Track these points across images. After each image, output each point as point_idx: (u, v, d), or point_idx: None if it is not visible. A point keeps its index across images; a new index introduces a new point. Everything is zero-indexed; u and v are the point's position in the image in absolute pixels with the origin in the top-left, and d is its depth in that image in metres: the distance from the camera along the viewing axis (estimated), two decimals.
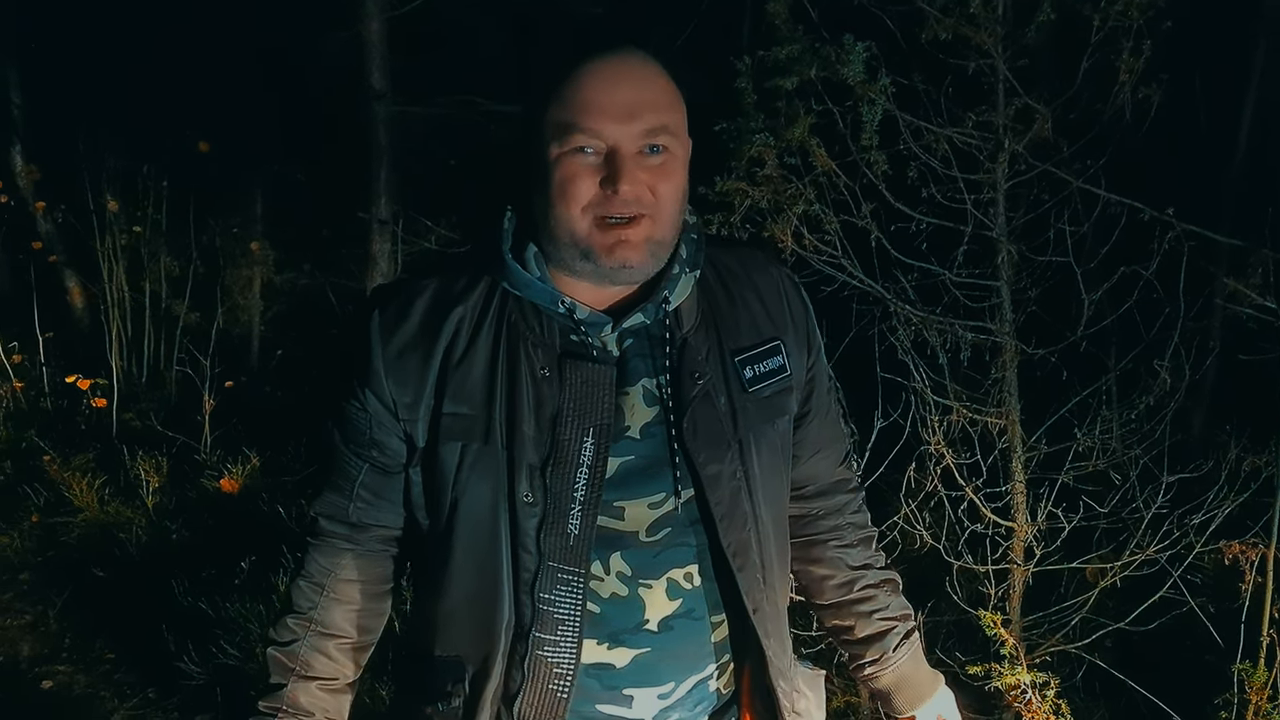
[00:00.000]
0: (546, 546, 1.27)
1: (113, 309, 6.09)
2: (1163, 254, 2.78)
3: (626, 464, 1.30)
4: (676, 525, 1.32)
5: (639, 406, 1.31)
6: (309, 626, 1.39)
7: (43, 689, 3.66)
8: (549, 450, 1.27)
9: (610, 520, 1.30)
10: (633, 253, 1.24)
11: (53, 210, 6.75)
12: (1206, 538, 2.81)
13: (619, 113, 1.22)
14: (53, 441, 5.20)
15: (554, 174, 1.23)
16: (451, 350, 1.29)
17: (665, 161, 1.25)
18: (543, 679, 1.29)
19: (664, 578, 1.32)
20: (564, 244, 1.25)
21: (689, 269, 1.33)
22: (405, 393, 1.30)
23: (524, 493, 1.27)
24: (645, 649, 1.33)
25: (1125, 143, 2.80)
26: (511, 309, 1.30)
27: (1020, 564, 2.91)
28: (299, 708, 1.37)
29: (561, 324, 1.30)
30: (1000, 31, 2.57)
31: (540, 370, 1.28)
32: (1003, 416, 2.91)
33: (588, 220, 1.23)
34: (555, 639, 1.29)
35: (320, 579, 1.40)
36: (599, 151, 1.22)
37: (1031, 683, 2.39)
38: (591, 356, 1.29)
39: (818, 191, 2.77)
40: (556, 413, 1.27)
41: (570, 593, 1.28)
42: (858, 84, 2.60)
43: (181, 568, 4.09)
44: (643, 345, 1.32)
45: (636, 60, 1.25)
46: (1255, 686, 2.50)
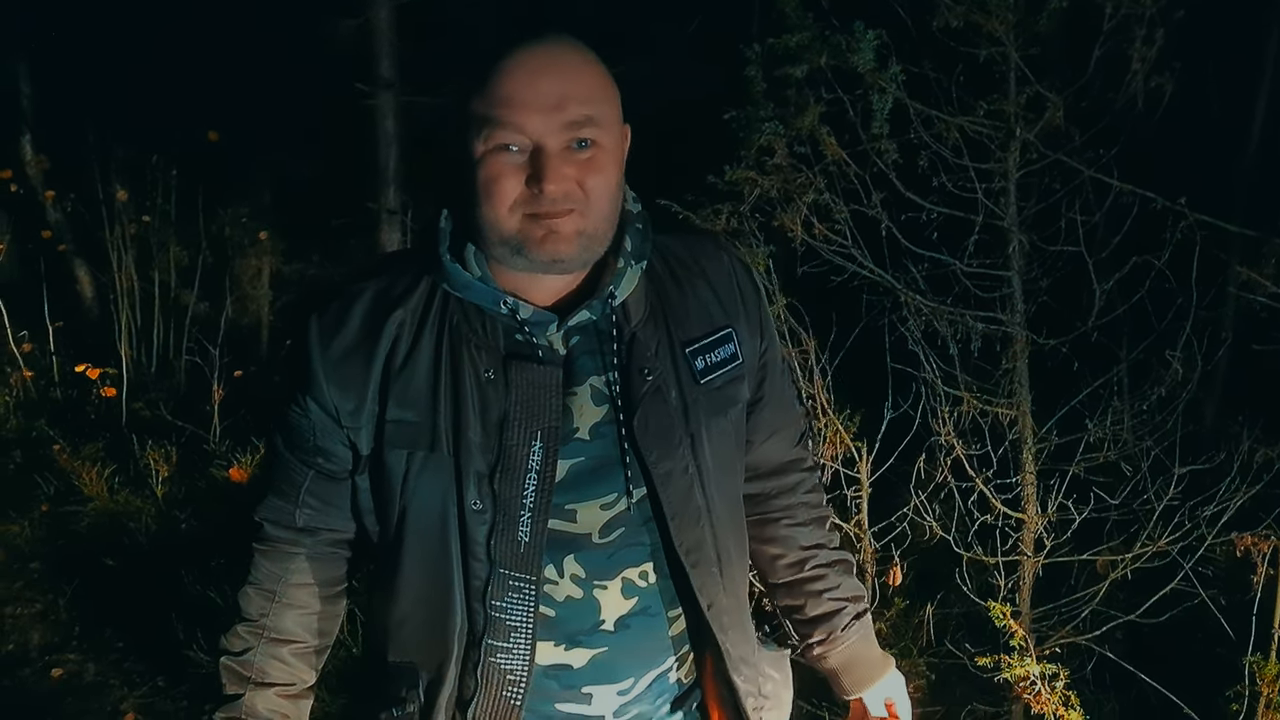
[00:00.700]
0: (497, 554, 1.25)
1: (122, 298, 6.10)
2: (1175, 244, 2.76)
3: (576, 466, 1.27)
4: (629, 525, 1.30)
5: (588, 406, 1.28)
6: (262, 634, 1.36)
7: (53, 677, 3.68)
8: (496, 456, 1.23)
9: (562, 523, 1.28)
10: (563, 245, 1.20)
11: (62, 200, 6.76)
12: (1218, 530, 2.80)
13: (542, 106, 1.17)
14: (62, 431, 5.21)
15: (479, 172, 1.19)
16: (393, 355, 1.25)
17: (594, 155, 1.20)
18: (496, 685, 1.28)
19: (619, 578, 1.31)
20: (494, 241, 1.22)
21: (634, 261, 1.29)
22: (348, 399, 1.26)
23: (473, 500, 1.24)
24: (603, 649, 1.32)
25: (1137, 132, 2.78)
26: (453, 311, 1.26)
27: (1030, 555, 2.90)
28: (257, 716, 1.35)
29: (505, 324, 1.26)
30: (1012, 19, 2.55)
31: (485, 373, 1.24)
32: (1013, 407, 2.89)
33: (516, 217, 1.20)
34: (508, 645, 1.27)
35: (270, 585, 1.37)
36: (523, 149, 1.18)
37: (1041, 674, 2.38)
38: (537, 357, 1.25)
39: (828, 180, 2.76)
40: (503, 417, 1.23)
41: (522, 599, 1.26)
42: (868, 72, 2.59)
43: (191, 557, 4.10)
44: (590, 342, 1.28)
45: (562, 49, 1.21)
46: (1266, 679, 2.49)
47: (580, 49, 1.23)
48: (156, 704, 3.52)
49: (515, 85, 1.17)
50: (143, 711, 3.48)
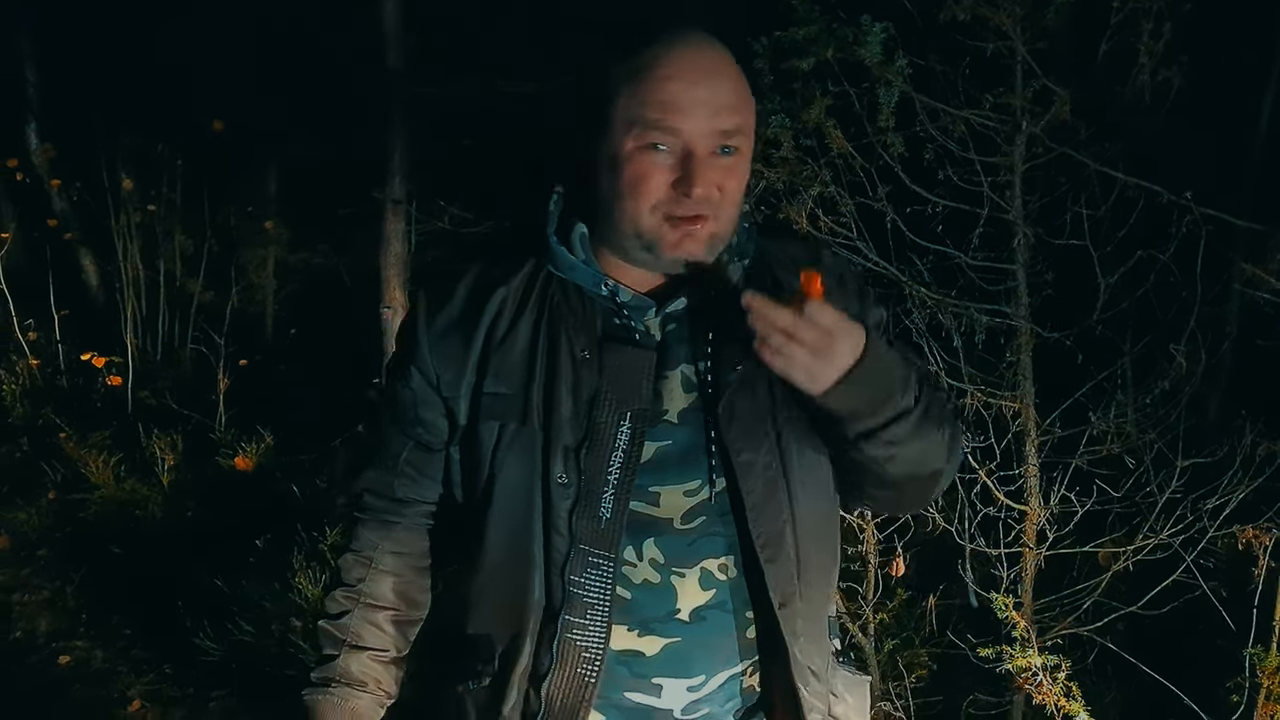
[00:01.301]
0: (578, 529, 1.27)
1: (127, 287, 6.12)
2: (1180, 238, 2.76)
3: (663, 449, 1.29)
4: (711, 514, 1.30)
5: (678, 392, 1.30)
6: (358, 599, 1.41)
7: (60, 664, 3.70)
8: (585, 432, 1.26)
9: (644, 506, 1.29)
10: (695, 247, 1.25)
11: (68, 188, 6.77)
12: (1220, 522, 2.81)
13: (699, 113, 1.20)
14: (69, 419, 5.23)
15: (624, 168, 1.22)
16: (494, 330, 1.30)
17: (735, 162, 1.24)
18: (571, 662, 1.28)
19: (697, 567, 1.30)
20: (626, 235, 1.26)
21: (738, 258, 1.32)
22: (448, 370, 1.32)
23: (558, 474, 1.26)
24: (676, 638, 1.31)
25: (1144, 126, 2.78)
26: (554, 291, 1.30)
27: (1033, 547, 2.91)
28: (351, 677, 1.39)
29: (604, 307, 1.30)
30: (1020, 12, 2.55)
31: (580, 352, 1.28)
32: (1017, 400, 2.90)
33: (656, 217, 1.23)
34: (584, 623, 1.28)
35: (368, 552, 1.42)
36: (673, 151, 1.21)
37: (1043, 665, 2.40)
38: (633, 340, 1.29)
39: (834, 173, 2.76)
40: (594, 395, 1.27)
41: (600, 577, 1.27)
42: (875, 65, 2.59)
43: (197, 545, 4.13)
44: (684, 331, 1.31)
45: (714, 56, 1.24)
46: (1267, 671, 2.50)
47: (728, 55, 1.26)
48: (164, 691, 3.54)
49: (675, 89, 1.20)
50: (150, 699, 3.50)
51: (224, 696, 3.46)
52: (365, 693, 1.39)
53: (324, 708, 1.38)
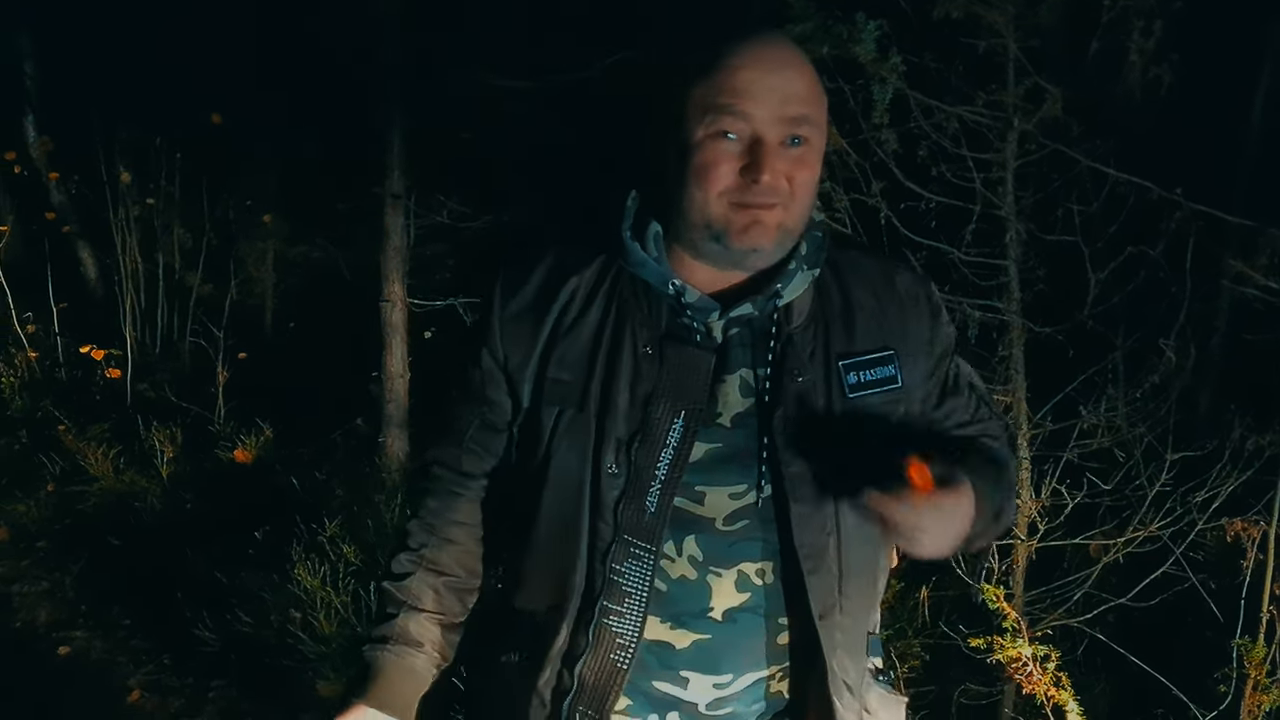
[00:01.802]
0: (624, 519, 1.29)
1: (126, 280, 6.12)
2: (1171, 234, 2.79)
3: (713, 450, 1.30)
4: (754, 519, 1.31)
5: (734, 396, 1.31)
6: (421, 563, 1.44)
7: (60, 654, 3.71)
8: (638, 426, 1.29)
9: (689, 503, 1.30)
10: (764, 237, 1.26)
11: (66, 181, 6.77)
12: (1209, 515, 2.84)
13: (769, 101, 1.22)
14: (68, 411, 5.23)
15: (694, 156, 1.24)
16: (563, 317, 1.33)
17: (804, 153, 1.25)
18: (605, 647, 1.31)
19: (735, 569, 1.32)
20: (695, 225, 1.27)
21: (806, 266, 1.32)
22: (516, 353, 1.35)
23: (609, 464, 1.29)
24: (706, 635, 1.33)
25: (1135, 123, 2.81)
26: (624, 285, 1.33)
27: (1024, 539, 2.94)
28: (409, 636, 1.42)
29: (669, 305, 1.31)
30: (1012, 10, 2.58)
31: (642, 348, 1.30)
32: (1009, 394, 2.93)
33: (724, 204, 1.25)
34: (621, 610, 1.31)
35: (432, 520, 1.45)
36: (742, 138, 1.23)
37: (1033, 655, 2.42)
38: (694, 340, 1.30)
39: (828, 169, 2.79)
40: (651, 391, 1.29)
41: (640, 567, 1.30)
42: (869, 62, 2.61)
43: (196, 537, 4.14)
44: (747, 336, 1.31)
45: (786, 48, 1.27)
46: (1254, 662, 2.53)
47: (798, 50, 1.29)
48: (163, 681, 3.55)
49: (746, 77, 1.22)
50: (149, 689, 3.51)
51: (223, 687, 3.48)
52: (421, 652, 1.42)
53: (381, 662, 1.41)
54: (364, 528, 3.80)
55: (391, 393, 4.26)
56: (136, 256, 6.21)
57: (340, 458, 4.54)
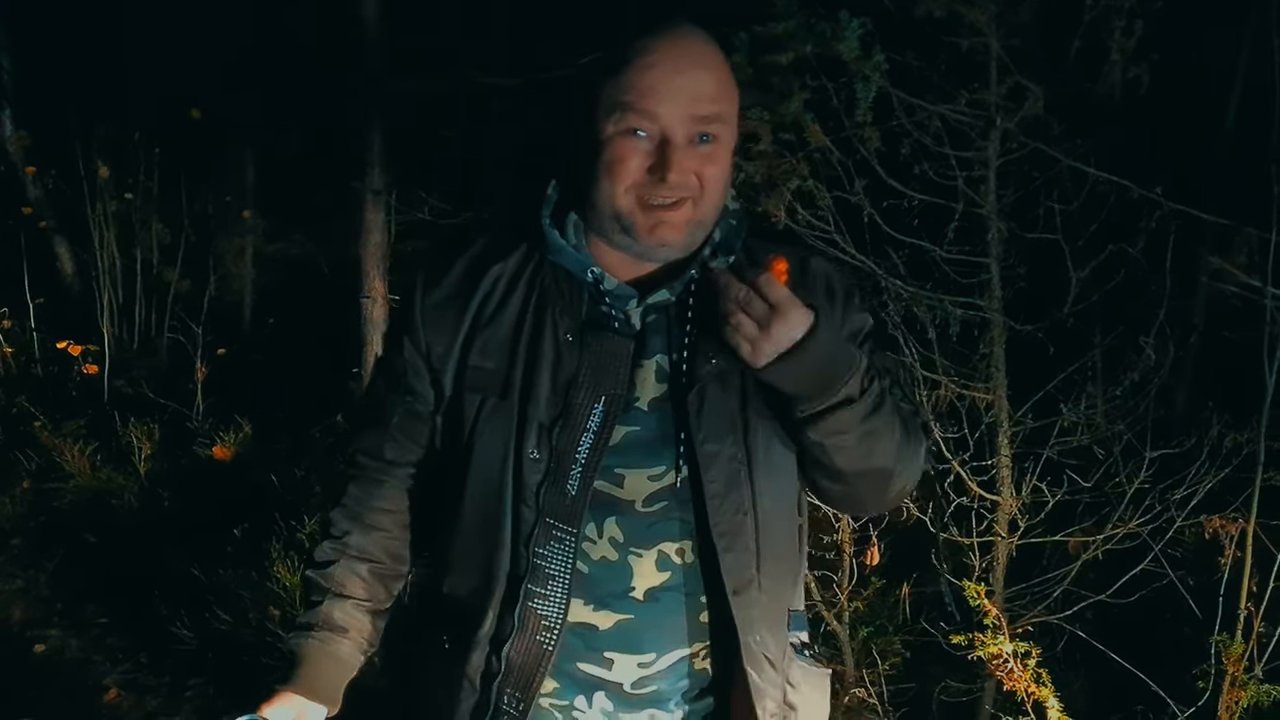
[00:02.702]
0: (545, 503, 1.32)
1: (104, 276, 6.07)
2: (1150, 232, 2.80)
3: (632, 434, 1.33)
4: (673, 500, 1.34)
5: (651, 380, 1.34)
6: (345, 550, 1.46)
7: (35, 653, 3.69)
8: (560, 411, 1.32)
9: (609, 486, 1.33)
10: (672, 233, 1.29)
11: (43, 176, 6.71)
12: (1188, 512, 2.85)
13: (677, 100, 1.24)
14: (44, 407, 5.19)
15: (604, 151, 1.27)
16: (484, 306, 1.36)
17: (714, 150, 1.28)
18: (531, 629, 1.34)
19: (655, 549, 1.35)
20: (605, 216, 1.30)
21: (722, 252, 1.35)
22: (439, 342, 1.37)
23: (530, 449, 1.32)
24: (629, 615, 1.35)
25: (1115, 121, 2.82)
26: (545, 273, 1.35)
27: (1004, 536, 2.96)
28: (334, 623, 1.44)
29: (589, 293, 1.34)
30: (994, 9, 2.59)
31: (564, 335, 1.33)
32: (990, 391, 2.94)
33: (631, 199, 1.27)
34: (545, 592, 1.33)
35: (356, 507, 1.48)
36: (651, 136, 1.25)
37: (1013, 652, 2.42)
38: (613, 327, 1.33)
39: (811, 167, 2.79)
40: (572, 377, 1.32)
41: (563, 550, 1.32)
42: (852, 60, 2.62)
43: (174, 534, 4.11)
44: (664, 322, 1.35)
45: (698, 46, 1.28)
46: (1232, 658, 2.55)
47: (713, 46, 1.30)
48: (139, 679, 3.53)
49: (655, 77, 1.24)
50: (125, 687, 3.49)
51: (200, 685, 3.46)
52: (346, 639, 1.44)
53: (306, 650, 1.43)
54: None
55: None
56: (114, 252, 6.16)
57: (319, 454, 4.52)
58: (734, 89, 1.32)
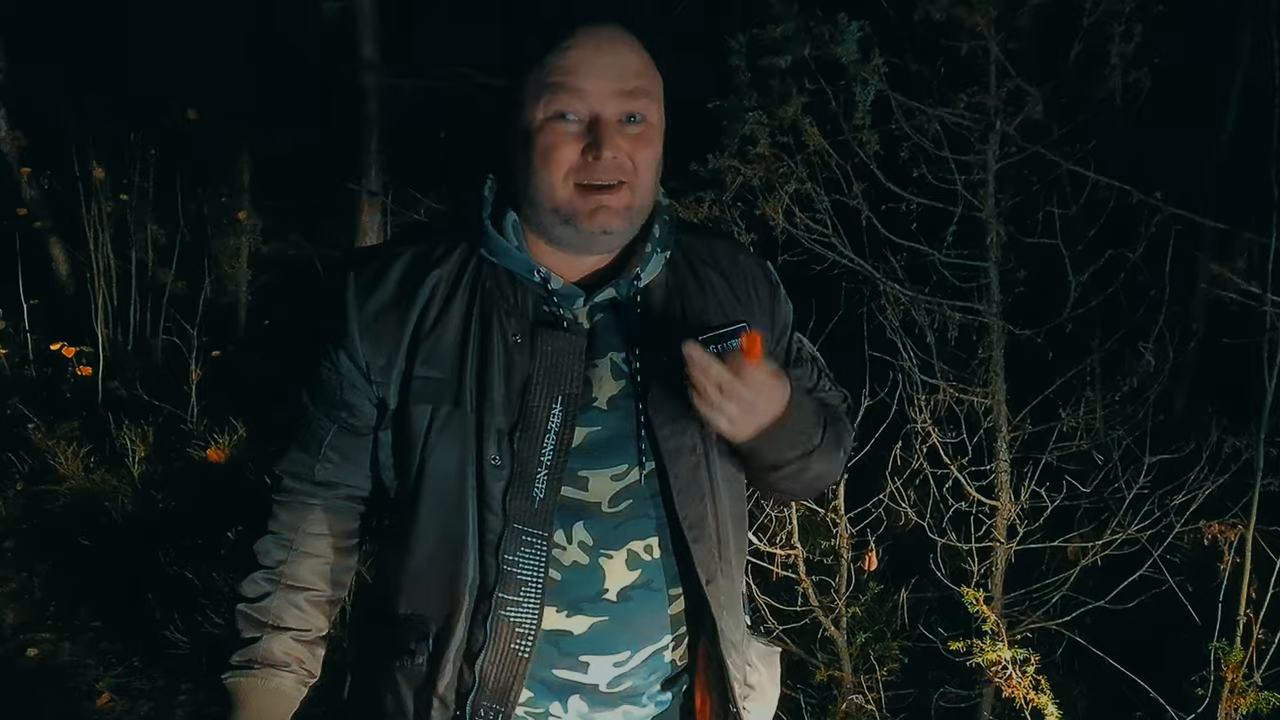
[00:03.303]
0: (512, 509, 1.30)
1: (99, 276, 6.05)
2: (1149, 237, 2.80)
3: (593, 434, 1.33)
4: (638, 497, 1.35)
5: (607, 379, 1.34)
6: (279, 581, 1.40)
7: (27, 656, 3.67)
8: (518, 416, 1.29)
9: (574, 490, 1.32)
10: (613, 218, 1.27)
11: (38, 177, 6.69)
12: (1186, 518, 2.84)
13: (603, 75, 1.25)
14: (37, 409, 5.17)
15: (536, 140, 1.26)
16: (425, 315, 1.32)
17: (644, 130, 1.28)
18: (505, 638, 1.32)
19: (624, 549, 1.35)
20: (544, 210, 1.28)
21: (660, 249, 1.36)
22: (379, 355, 1.32)
23: (492, 456, 1.29)
24: (603, 618, 1.35)
25: (1115, 126, 2.81)
26: (487, 276, 1.32)
27: (1003, 542, 2.94)
28: (274, 658, 1.38)
29: (535, 293, 1.32)
30: (993, 13, 2.58)
31: (513, 337, 1.30)
32: (989, 396, 2.93)
33: (569, 186, 1.26)
34: (518, 600, 1.31)
35: (288, 535, 1.42)
36: (581, 119, 1.25)
37: (1012, 659, 2.42)
38: (562, 327, 1.32)
39: (809, 170, 2.78)
40: (526, 380, 1.30)
41: (534, 555, 1.31)
42: (851, 64, 2.61)
43: (167, 537, 4.09)
44: (612, 319, 1.35)
45: (618, 31, 1.29)
46: (1231, 665, 2.54)
47: (632, 34, 1.30)
48: (133, 683, 3.51)
49: (577, 56, 1.25)
50: (119, 691, 3.48)
51: (193, 689, 3.44)
52: (288, 673, 1.39)
53: (246, 688, 1.38)
54: None
55: None
56: (109, 253, 6.14)
57: None
58: (658, 74, 1.31)
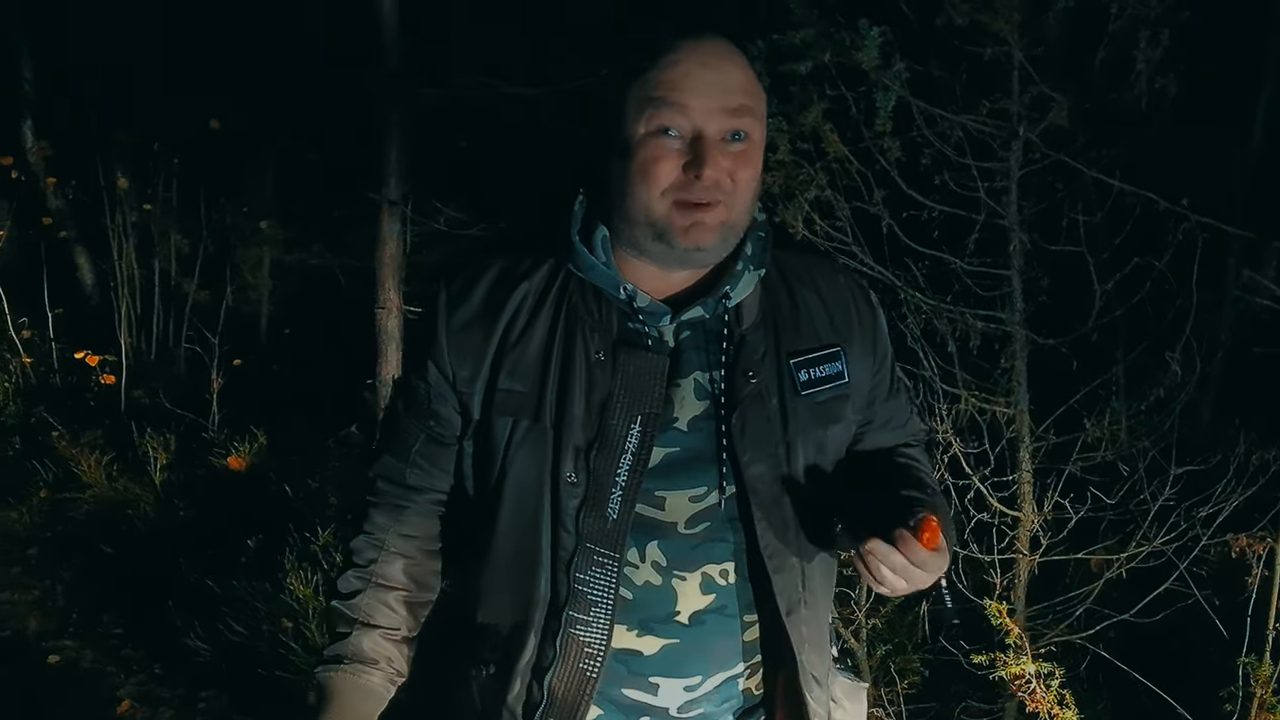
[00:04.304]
0: (585, 528, 1.29)
1: (122, 286, 6.11)
2: (1177, 246, 2.76)
3: (671, 455, 1.30)
4: (716, 521, 1.32)
5: (689, 399, 1.31)
6: (370, 579, 1.42)
7: (50, 664, 3.69)
8: (595, 433, 1.28)
9: (650, 509, 1.30)
10: (707, 235, 1.25)
11: (63, 187, 6.76)
12: (1214, 530, 2.80)
13: (708, 92, 1.22)
14: (62, 418, 5.21)
15: (636, 154, 1.24)
16: (511, 327, 1.32)
17: (746, 149, 1.25)
18: (574, 656, 1.31)
19: (699, 571, 1.32)
20: (638, 224, 1.26)
21: (753, 267, 1.33)
22: (465, 366, 1.33)
23: (568, 473, 1.28)
24: (674, 640, 1.33)
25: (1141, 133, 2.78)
26: (573, 291, 1.32)
27: (1026, 554, 2.91)
28: (363, 655, 1.40)
29: (620, 310, 1.31)
30: (1018, 18, 2.55)
31: (595, 354, 1.29)
32: (1011, 406, 2.90)
33: (666, 202, 1.24)
34: (588, 619, 1.30)
35: (380, 535, 1.44)
36: (683, 135, 1.23)
37: (1036, 672, 2.39)
38: (646, 345, 1.30)
39: (830, 177, 2.76)
40: (607, 397, 1.28)
41: (605, 575, 1.29)
42: (872, 69, 2.59)
43: (189, 545, 4.11)
44: (699, 339, 1.32)
45: (722, 46, 1.27)
46: (1260, 680, 2.50)
47: (737, 49, 1.28)
48: (153, 691, 3.53)
49: (682, 71, 1.23)
50: (139, 699, 3.49)
51: (214, 697, 3.45)
52: (377, 670, 1.40)
53: (337, 683, 1.39)
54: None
55: (386, 400, 4.22)
56: (133, 262, 6.19)
57: (334, 465, 4.51)
58: (761, 91, 1.30)
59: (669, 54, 1.23)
